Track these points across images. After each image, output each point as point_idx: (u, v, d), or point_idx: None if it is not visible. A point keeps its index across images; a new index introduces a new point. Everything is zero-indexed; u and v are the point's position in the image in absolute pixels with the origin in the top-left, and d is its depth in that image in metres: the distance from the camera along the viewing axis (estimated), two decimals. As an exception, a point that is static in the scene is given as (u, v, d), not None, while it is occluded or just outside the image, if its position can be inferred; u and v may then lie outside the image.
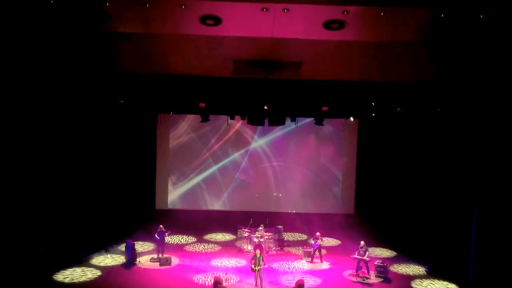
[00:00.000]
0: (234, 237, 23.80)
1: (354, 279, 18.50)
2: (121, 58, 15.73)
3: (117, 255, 20.54)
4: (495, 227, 17.10)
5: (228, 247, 22.43)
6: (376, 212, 24.71)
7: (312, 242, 20.50)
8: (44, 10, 12.63)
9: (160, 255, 19.91)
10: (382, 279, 18.44)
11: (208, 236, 24.12)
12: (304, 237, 24.54)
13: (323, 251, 20.82)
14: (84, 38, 14.39)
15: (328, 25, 13.33)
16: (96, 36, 14.28)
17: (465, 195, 18.29)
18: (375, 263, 18.90)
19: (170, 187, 26.07)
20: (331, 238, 23.54)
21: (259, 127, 25.18)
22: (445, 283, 18.39)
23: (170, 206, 25.96)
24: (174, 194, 26.09)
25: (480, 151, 17.35)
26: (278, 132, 25.90)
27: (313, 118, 19.95)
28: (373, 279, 18.47)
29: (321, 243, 20.25)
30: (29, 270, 17.11)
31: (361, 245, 18.70)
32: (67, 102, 18.00)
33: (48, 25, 13.48)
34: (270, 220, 22.73)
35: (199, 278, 18.10)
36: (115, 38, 14.44)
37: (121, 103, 18.62)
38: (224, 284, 16.95)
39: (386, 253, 22.10)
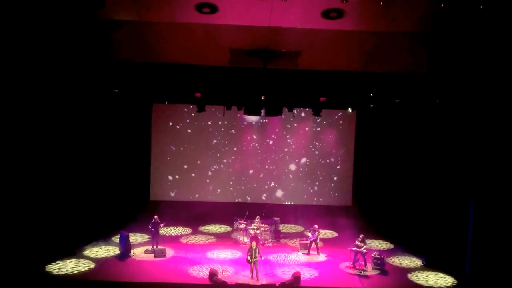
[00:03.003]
0: (230, 228, 23.64)
1: (351, 271, 18.40)
2: (115, 47, 15.53)
3: (111, 247, 20.38)
4: (493, 220, 17.03)
5: (224, 239, 22.27)
6: (374, 204, 24.57)
7: (309, 234, 20.36)
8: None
9: (155, 247, 19.74)
10: (379, 271, 18.37)
11: (203, 228, 23.93)
12: (301, 229, 24.38)
13: (320, 243, 20.65)
14: (78, 26, 14.18)
15: (326, 14, 13.18)
16: (90, 24, 14.07)
17: (463, 187, 18.16)
18: (372, 255, 18.80)
19: (165, 178, 25.86)
20: (328, 230, 23.41)
21: (256, 117, 24.97)
22: (442, 275, 18.31)
23: (165, 197, 25.73)
24: (169, 185, 25.87)
25: (479, 143, 17.21)
26: (275, 122, 25.68)
27: (310, 109, 19.75)
28: (370, 271, 18.38)
29: (318, 235, 20.12)
30: (21, 261, 16.89)
31: (358, 238, 18.60)
32: (60, 91, 17.70)
33: (40, 12, 13.26)
34: (266, 211, 22.57)
35: (195, 270, 17.95)
36: (110, 26, 14.23)
37: (115, 92, 18.38)
38: (219, 276, 16.89)
39: (383, 245, 21.98)
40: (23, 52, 15.15)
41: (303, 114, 25.35)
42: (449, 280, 17.93)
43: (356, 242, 18.65)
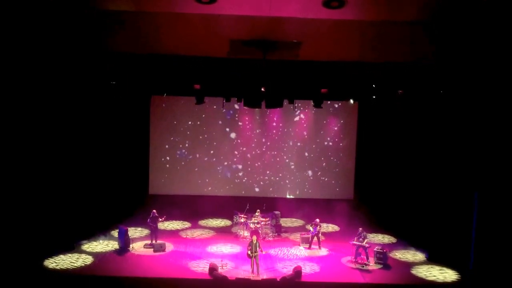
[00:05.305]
0: (230, 223, 23.48)
1: (352, 265, 18.22)
2: (112, 38, 15.27)
3: (110, 241, 20.21)
4: (497, 213, 16.81)
5: (224, 233, 22.12)
6: (376, 197, 24.41)
7: (311, 228, 20.15)
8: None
9: (154, 241, 19.56)
10: (382, 266, 18.18)
11: (203, 222, 23.77)
12: (302, 223, 24.19)
13: (322, 237, 20.46)
14: (73, 17, 13.90)
15: (327, 3, 12.88)
16: (85, 15, 13.79)
17: (467, 181, 17.96)
18: (375, 249, 18.64)
19: (164, 172, 25.66)
20: (329, 224, 23.19)
21: (256, 109, 24.74)
22: (445, 269, 18.09)
23: (164, 191, 25.52)
24: (168, 179, 25.68)
25: (483, 135, 16.99)
26: (275, 114, 25.46)
27: (311, 100, 19.52)
28: (372, 265, 18.21)
29: (320, 229, 19.91)
30: (19, 256, 16.73)
31: (359, 232, 18.40)
32: (57, 84, 17.54)
33: (35, 3, 13.00)
34: (267, 205, 22.33)
35: (194, 265, 17.77)
36: (106, 16, 13.97)
37: (113, 84, 18.17)
38: (219, 270, 16.74)
39: (385, 239, 21.79)
40: (18, 45, 14.91)
41: (304, 106, 25.11)
42: (453, 274, 17.73)
43: (358, 237, 18.45)
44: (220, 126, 25.62)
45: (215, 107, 24.97)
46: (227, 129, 25.75)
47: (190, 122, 25.44)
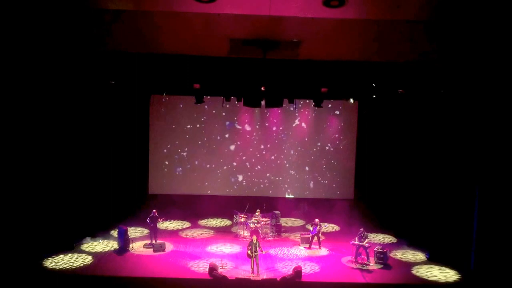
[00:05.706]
0: (230, 222, 23.45)
1: (353, 265, 18.17)
2: (111, 37, 15.20)
3: (109, 241, 20.17)
4: (498, 213, 16.75)
5: (224, 233, 22.08)
6: (376, 197, 24.35)
7: (311, 228, 20.09)
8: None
9: (154, 241, 19.52)
10: (382, 266, 18.13)
11: (203, 222, 23.73)
12: (302, 222, 24.14)
13: (322, 237, 20.40)
14: (73, 16, 13.86)
15: (327, 2, 12.84)
16: (84, 14, 13.75)
17: (467, 180, 17.92)
18: (375, 249, 18.59)
19: (163, 171, 25.61)
20: (329, 224, 23.13)
21: (256, 111, 24.71)
22: (446, 270, 18.03)
23: (163, 191, 25.46)
24: (168, 179, 25.63)
25: (483, 134, 16.93)
26: (275, 114, 25.38)
27: (311, 100, 19.48)
28: (373, 265, 18.16)
29: (320, 229, 19.85)
30: (18, 255, 16.70)
31: (360, 232, 18.36)
32: (55, 82, 17.48)
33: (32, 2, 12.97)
34: (267, 205, 22.27)
35: (194, 265, 17.72)
36: (105, 15, 13.92)
37: (112, 84, 18.10)
38: (219, 270, 16.68)
39: (386, 239, 21.75)
40: (17, 44, 14.85)
41: (304, 107, 25.07)
42: (454, 274, 17.68)
43: (358, 237, 18.41)
44: (219, 125, 25.54)
45: (214, 112, 25.08)
46: (227, 136, 25.70)
47: (189, 122, 25.37)
